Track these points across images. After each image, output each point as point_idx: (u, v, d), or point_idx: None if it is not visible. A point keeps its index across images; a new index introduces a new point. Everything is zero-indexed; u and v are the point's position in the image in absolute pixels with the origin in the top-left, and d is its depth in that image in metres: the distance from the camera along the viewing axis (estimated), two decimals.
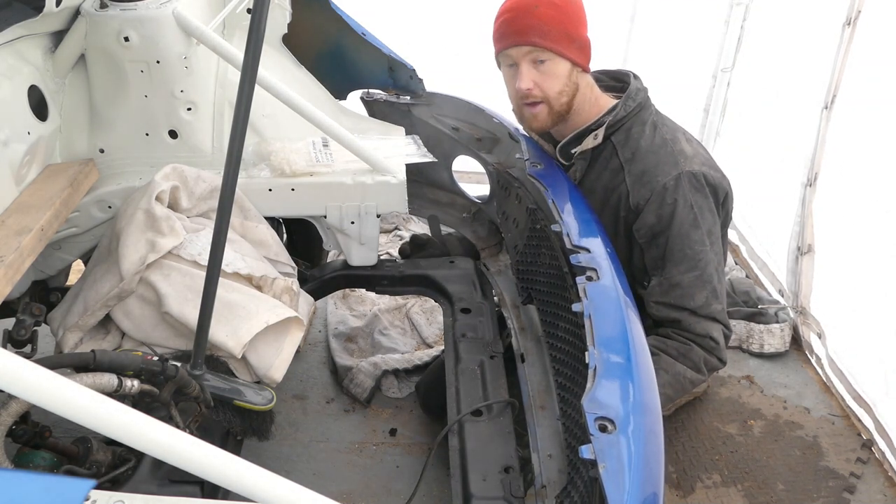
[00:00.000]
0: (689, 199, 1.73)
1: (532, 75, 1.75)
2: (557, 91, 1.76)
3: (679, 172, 1.73)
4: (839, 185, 2.48)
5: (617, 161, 1.80)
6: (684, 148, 1.79)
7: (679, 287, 1.77)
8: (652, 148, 1.78)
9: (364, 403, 2.45)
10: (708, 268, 1.77)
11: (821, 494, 2.12)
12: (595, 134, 1.79)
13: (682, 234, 1.74)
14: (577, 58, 1.75)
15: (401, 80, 2.38)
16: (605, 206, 1.83)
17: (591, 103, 1.84)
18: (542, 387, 1.66)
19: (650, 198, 1.74)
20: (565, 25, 1.71)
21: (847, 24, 2.40)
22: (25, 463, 1.28)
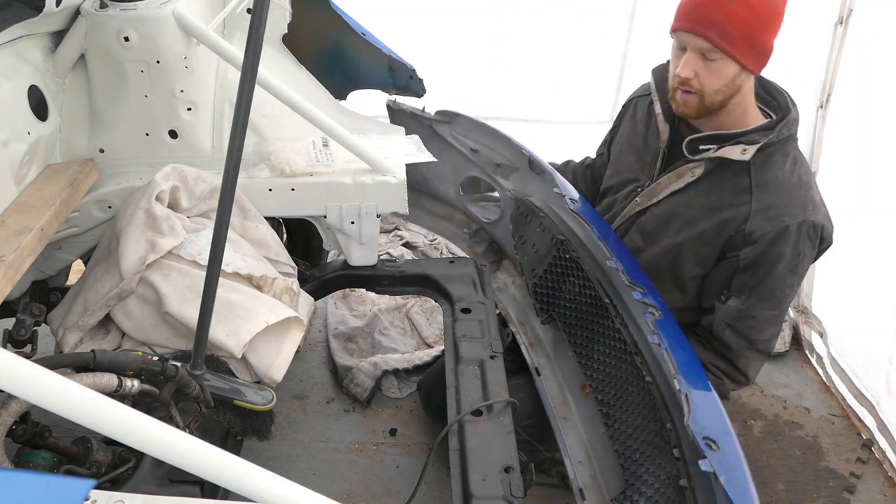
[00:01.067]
0: (800, 247, 1.72)
1: (696, 66, 1.66)
2: (715, 89, 1.68)
3: (805, 219, 1.70)
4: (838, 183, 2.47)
5: (747, 181, 1.73)
6: (815, 195, 1.76)
7: (755, 320, 1.78)
8: (788, 185, 1.72)
9: (364, 403, 2.45)
10: (785, 310, 1.81)
11: (821, 494, 2.12)
12: (745, 149, 1.70)
13: (781, 277, 1.73)
14: (750, 64, 1.66)
15: (401, 81, 2.38)
16: (714, 215, 1.77)
17: (742, 108, 1.76)
18: (560, 399, 1.85)
19: (768, 233, 1.70)
20: (753, 30, 1.60)
21: (839, 22, 2.40)
22: (25, 463, 1.28)
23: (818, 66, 2.49)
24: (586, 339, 1.88)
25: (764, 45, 1.66)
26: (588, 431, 1.75)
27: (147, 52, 1.79)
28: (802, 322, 2.69)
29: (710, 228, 1.78)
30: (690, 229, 1.82)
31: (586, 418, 1.78)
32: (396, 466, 2.23)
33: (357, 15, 2.33)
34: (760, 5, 1.60)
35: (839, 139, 2.48)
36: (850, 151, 2.42)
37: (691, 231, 1.82)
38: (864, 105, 2.35)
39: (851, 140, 2.42)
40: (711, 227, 1.78)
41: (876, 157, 2.27)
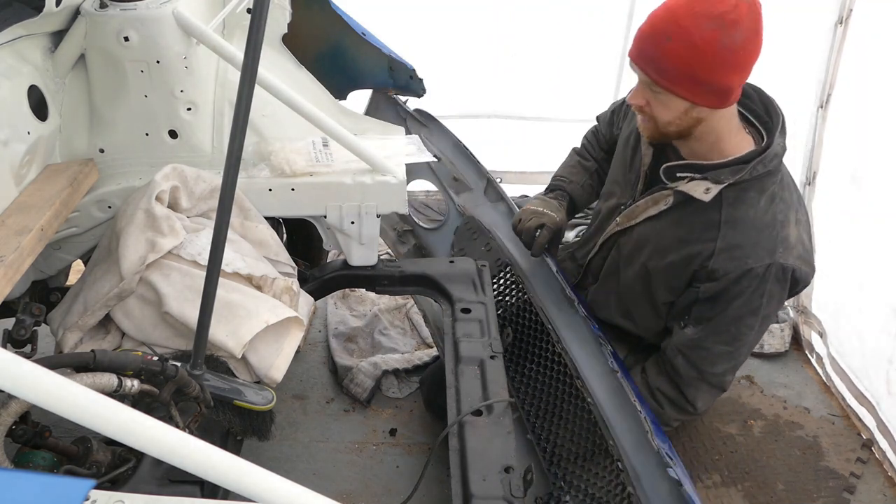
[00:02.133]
0: (764, 290, 1.67)
1: (646, 95, 1.62)
2: (666, 121, 1.63)
3: (772, 262, 1.64)
4: (837, 183, 2.48)
5: (717, 216, 1.67)
6: (789, 234, 1.68)
7: (707, 351, 1.77)
8: (758, 225, 1.65)
9: (364, 403, 2.45)
10: (742, 348, 1.77)
11: (821, 494, 2.12)
12: (708, 188, 1.65)
13: (739, 315, 1.70)
14: (702, 101, 1.57)
15: (401, 80, 2.38)
16: (682, 247, 1.74)
17: (716, 137, 1.67)
18: None
19: (730, 273, 1.66)
20: (694, 69, 1.51)
21: (839, 22, 2.40)
22: (25, 463, 1.28)
23: (818, 66, 2.49)
24: (517, 356, 1.99)
25: (717, 82, 1.55)
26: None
27: (147, 52, 1.79)
28: (802, 322, 2.69)
29: (678, 260, 1.76)
30: (660, 259, 1.81)
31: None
32: (396, 466, 2.23)
33: (357, 15, 2.33)
34: (706, 45, 1.48)
35: (839, 139, 2.48)
36: (850, 152, 2.42)
37: (661, 261, 1.80)
38: (864, 105, 2.35)
39: (851, 140, 2.42)
40: (679, 260, 1.75)
41: (876, 158, 2.27)
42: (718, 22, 1.47)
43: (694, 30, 1.48)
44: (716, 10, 1.47)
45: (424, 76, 2.38)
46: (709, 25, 1.47)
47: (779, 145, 1.70)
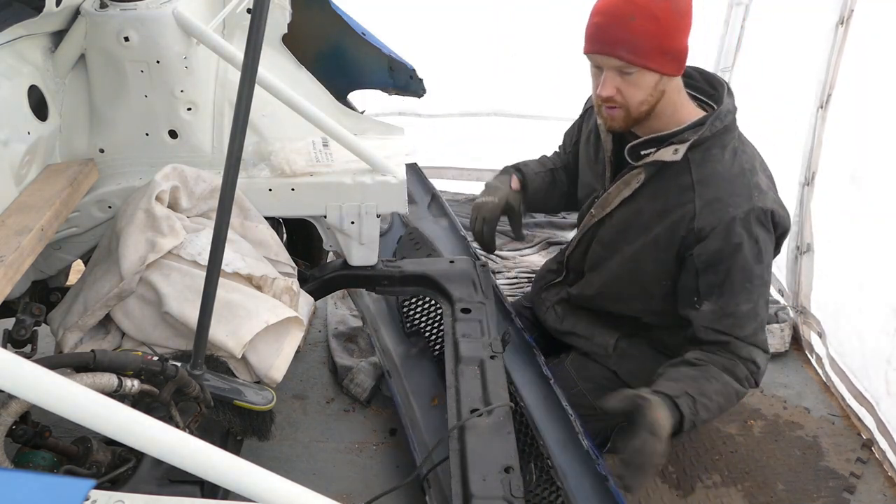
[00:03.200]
0: (755, 235, 1.70)
1: (616, 83, 1.66)
2: (639, 100, 1.69)
3: (751, 207, 1.68)
4: (837, 183, 2.47)
5: (688, 179, 1.74)
6: (760, 181, 1.74)
7: (733, 317, 1.76)
8: (728, 176, 1.72)
9: (364, 403, 2.45)
10: (760, 300, 1.77)
11: (821, 494, 2.12)
12: (676, 149, 1.71)
13: (746, 268, 1.71)
14: (668, 69, 1.66)
15: (401, 81, 2.38)
16: (664, 218, 1.78)
17: (673, 108, 1.76)
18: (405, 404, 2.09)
19: (717, 226, 1.69)
20: (661, 40, 1.60)
21: (840, 23, 2.40)
22: (25, 463, 1.28)
23: (818, 66, 2.49)
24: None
25: (677, 48, 1.66)
26: (431, 436, 1.95)
27: (147, 52, 1.79)
28: (802, 322, 2.69)
29: (662, 232, 1.78)
30: (645, 236, 1.82)
31: (432, 426, 1.98)
32: (396, 466, 2.23)
33: (357, 15, 2.33)
34: (664, 15, 1.59)
35: (839, 140, 2.48)
36: (850, 152, 2.42)
37: (646, 237, 1.82)
38: (864, 106, 2.35)
39: (851, 140, 2.42)
40: (664, 231, 1.78)
41: (876, 158, 2.27)
42: None
43: (650, 4, 1.59)
44: None
45: (425, 75, 2.38)
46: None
47: (730, 103, 1.78)
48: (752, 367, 1.79)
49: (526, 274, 3.04)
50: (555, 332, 2.18)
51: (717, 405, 1.72)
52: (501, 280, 3.02)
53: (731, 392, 1.75)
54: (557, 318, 2.13)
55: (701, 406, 1.68)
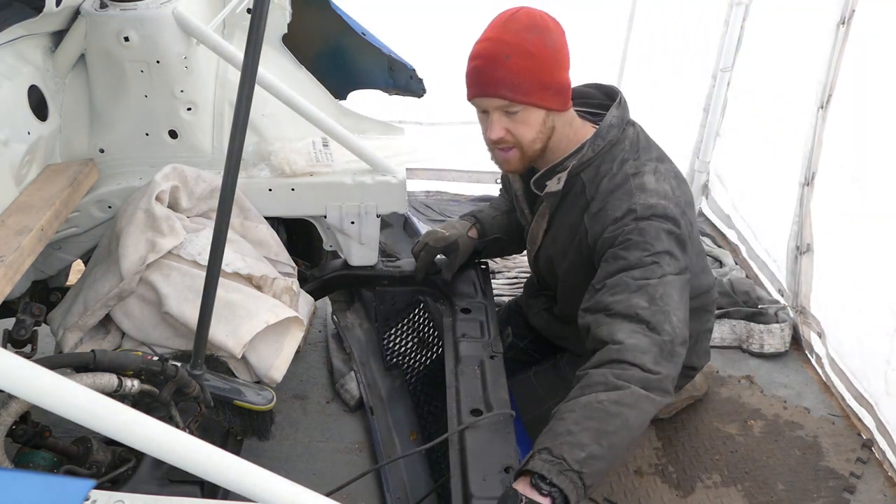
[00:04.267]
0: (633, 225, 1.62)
1: (503, 123, 1.66)
2: (531, 139, 1.68)
3: (631, 207, 1.64)
4: (837, 184, 2.47)
5: (584, 199, 1.74)
6: (645, 181, 1.68)
7: (601, 291, 1.59)
8: (611, 186, 1.70)
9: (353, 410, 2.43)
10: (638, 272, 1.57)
11: (821, 494, 2.12)
12: (559, 178, 1.72)
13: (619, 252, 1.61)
14: (553, 104, 1.66)
15: (401, 81, 2.39)
16: (572, 243, 1.78)
17: (566, 141, 1.75)
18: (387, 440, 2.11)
19: (602, 232, 1.66)
20: (539, 75, 1.61)
21: (841, 23, 2.39)
22: (25, 463, 1.28)
23: (819, 66, 2.49)
24: (426, 394, 2.10)
25: (558, 82, 1.65)
26: (409, 472, 1.97)
27: (147, 52, 1.79)
28: (802, 322, 2.69)
29: (573, 255, 1.78)
30: (564, 261, 1.83)
31: (410, 461, 1.99)
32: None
33: (357, 15, 2.33)
34: (538, 50, 1.59)
35: (840, 140, 2.48)
36: (851, 152, 2.42)
37: (566, 262, 1.82)
38: (865, 106, 2.35)
39: (852, 141, 2.42)
40: (574, 254, 1.78)
41: (876, 158, 2.27)
42: (535, 30, 1.60)
43: (523, 42, 1.59)
44: (528, 23, 1.61)
45: (424, 76, 2.38)
46: (530, 35, 1.60)
47: (613, 116, 1.74)
48: (610, 352, 1.49)
49: (525, 274, 3.04)
50: (546, 336, 2.18)
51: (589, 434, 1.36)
52: (501, 280, 3.02)
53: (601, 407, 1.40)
54: (546, 324, 2.13)
55: (565, 449, 1.34)
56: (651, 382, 1.44)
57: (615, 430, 1.37)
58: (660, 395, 1.46)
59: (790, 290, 2.77)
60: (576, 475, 1.31)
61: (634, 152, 1.75)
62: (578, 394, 1.44)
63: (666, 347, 1.50)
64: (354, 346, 2.39)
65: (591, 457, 1.33)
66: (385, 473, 1.98)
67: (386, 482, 1.97)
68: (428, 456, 2.00)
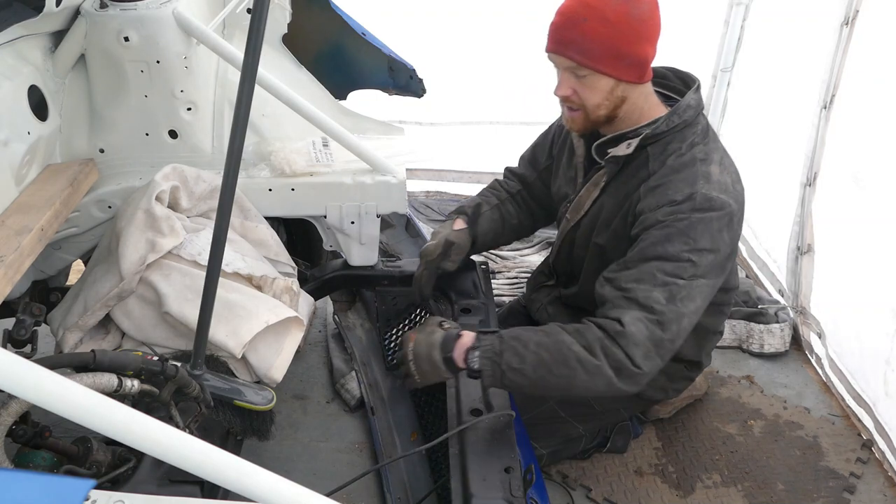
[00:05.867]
0: (687, 215, 1.64)
1: (571, 83, 1.67)
2: (595, 104, 1.68)
3: (693, 192, 1.64)
4: (838, 184, 2.47)
5: (646, 171, 1.74)
6: (711, 170, 1.69)
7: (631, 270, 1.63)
8: (677, 165, 1.70)
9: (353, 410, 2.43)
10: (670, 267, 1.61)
11: (821, 494, 2.12)
12: (629, 143, 1.72)
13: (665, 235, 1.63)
14: (625, 75, 1.64)
15: (401, 81, 2.38)
16: (620, 211, 1.78)
17: (640, 112, 1.74)
18: (388, 440, 2.09)
19: (655, 209, 1.67)
20: (614, 43, 1.59)
21: (845, 23, 2.39)
22: (25, 463, 1.28)
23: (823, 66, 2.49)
24: (427, 394, 2.06)
25: (636, 55, 1.62)
26: (409, 472, 1.95)
27: (147, 52, 1.79)
28: (802, 323, 2.69)
29: (618, 223, 1.78)
30: (606, 229, 1.82)
31: (410, 461, 1.97)
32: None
33: (357, 15, 2.33)
34: (618, 18, 1.57)
35: (842, 140, 2.48)
36: (853, 152, 2.42)
37: (608, 231, 1.82)
38: (868, 106, 2.34)
39: (854, 141, 2.42)
40: (619, 222, 1.78)
41: (879, 159, 2.27)
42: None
43: (604, 8, 1.57)
44: None
45: (424, 77, 2.38)
46: (615, 2, 1.58)
47: (691, 99, 1.75)
48: (614, 327, 1.56)
49: (525, 274, 3.04)
50: None
51: (536, 358, 1.54)
52: (501, 280, 3.02)
53: (566, 352, 1.54)
54: (550, 318, 2.13)
55: (508, 348, 1.55)
56: (626, 371, 1.55)
57: (556, 375, 1.56)
58: (626, 385, 1.57)
59: (790, 290, 2.77)
60: (499, 371, 1.56)
61: (704, 138, 1.76)
62: (570, 329, 1.59)
63: (661, 346, 1.58)
64: (356, 346, 2.39)
65: (519, 372, 1.55)
66: (385, 473, 1.98)
67: (386, 482, 1.96)
68: (428, 456, 1.99)
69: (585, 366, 1.54)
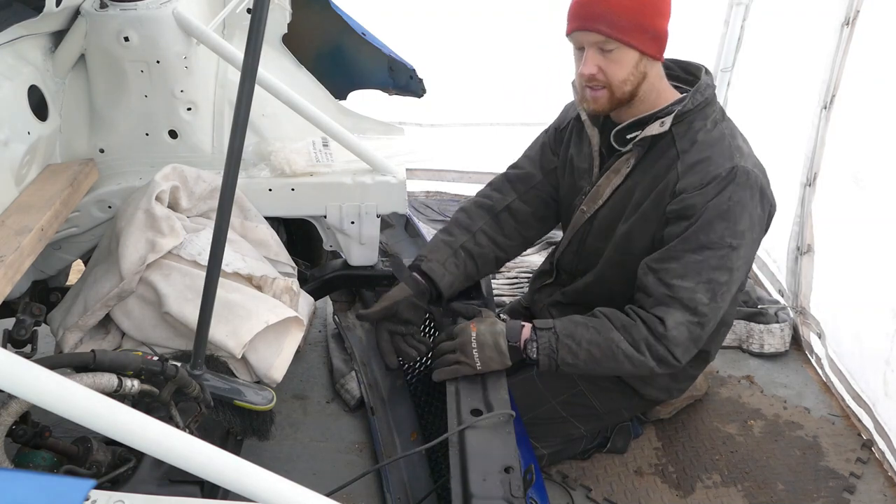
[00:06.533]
0: (731, 191, 1.70)
1: (597, 60, 1.70)
2: (622, 79, 1.71)
3: (734, 165, 1.71)
4: (838, 184, 2.47)
5: (674, 151, 1.77)
6: (741, 145, 1.78)
7: (675, 262, 1.72)
8: (710, 140, 1.75)
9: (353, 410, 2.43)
10: (714, 261, 1.70)
11: (821, 494, 2.12)
12: (662, 121, 1.75)
13: (708, 220, 1.70)
14: (648, 48, 1.69)
15: (401, 81, 2.39)
16: (652, 192, 1.79)
17: (657, 93, 1.79)
18: (388, 440, 2.08)
19: (699, 185, 1.71)
20: (639, 16, 1.66)
21: (846, 23, 2.39)
22: (25, 463, 1.28)
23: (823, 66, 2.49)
24: (426, 393, 2.07)
25: (657, 28, 1.70)
26: (409, 472, 1.95)
27: (147, 52, 1.79)
28: (801, 323, 2.69)
29: (650, 204, 1.79)
30: (635, 212, 1.82)
31: (410, 461, 1.97)
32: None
33: (357, 15, 2.33)
34: None
35: (842, 140, 2.48)
36: (853, 153, 2.42)
37: (636, 214, 1.82)
38: (868, 107, 2.34)
39: (855, 141, 2.42)
40: (651, 203, 1.79)
41: (879, 159, 2.27)
42: None
43: None
44: None
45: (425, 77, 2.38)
46: None
47: (707, 80, 1.82)
48: (657, 328, 1.71)
49: (526, 274, 3.04)
50: None
51: (588, 355, 1.74)
52: (501, 280, 3.02)
53: (615, 350, 1.72)
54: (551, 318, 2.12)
55: (563, 346, 1.74)
56: (667, 363, 1.75)
57: (604, 367, 1.77)
58: (664, 370, 1.78)
59: (790, 290, 2.77)
60: (554, 364, 1.76)
61: (723, 117, 1.83)
62: (618, 325, 1.75)
63: (699, 341, 1.78)
64: (355, 346, 2.39)
65: (572, 366, 1.76)
66: (385, 473, 1.98)
67: (386, 482, 1.96)
68: (428, 456, 1.99)
69: (632, 360, 1.74)
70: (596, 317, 1.79)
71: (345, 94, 2.44)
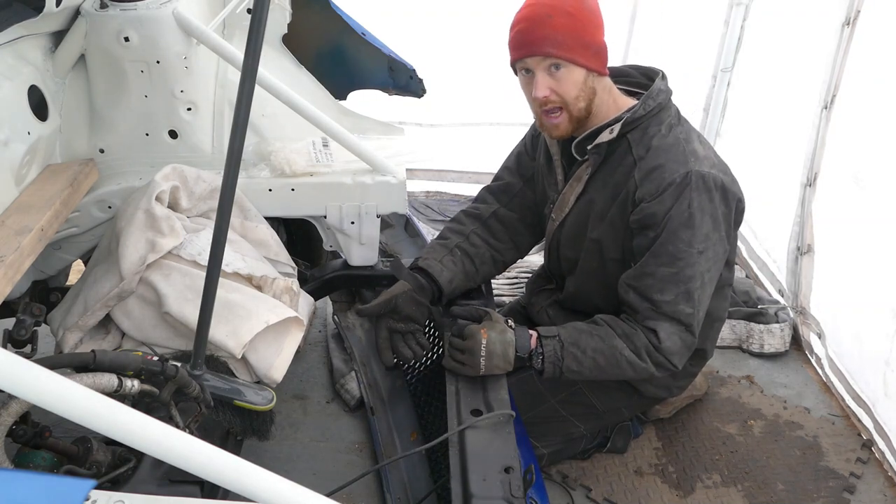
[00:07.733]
0: (689, 198, 1.73)
1: (548, 82, 1.73)
2: (574, 96, 1.75)
3: (688, 171, 1.73)
4: (839, 185, 2.47)
5: (631, 158, 1.80)
6: (696, 148, 1.79)
7: (652, 277, 1.77)
8: (664, 146, 1.78)
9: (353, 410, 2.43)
10: (687, 269, 1.76)
11: (821, 494, 2.12)
12: (611, 129, 1.79)
13: (672, 230, 1.74)
14: (593, 64, 1.74)
15: (401, 81, 2.39)
16: (615, 201, 1.82)
17: (608, 105, 1.82)
18: (388, 440, 2.10)
19: (655, 193, 1.74)
20: (580, 34, 1.70)
21: (846, 23, 2.39)
22: (25, 463, 1.28)
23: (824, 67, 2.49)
24: (426, 393, 2.09)
25: (596, 43, 1.74)
26: (409, 472, 1.96)
27: (147, 52, 1.79)
28: (801, 323, 2.69)
29: (615, 212, 1.82)
30: (601, 221, 1.85)
31: (410, 461, 1.98)
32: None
33: (357, 15, 2.33)
34: (577, 11, 1.70)
35: (843, 140, 2.48)
36: (854, 153, 2.42)
37: (602, 222, 1.85)
38: (869, 107, 2.34)
39: (855, 141, 2.42)
40: (616, 211, 1.82)
41: (879, 159, 2.27)
42: None
43: (562, 4, 1.70)
44: None
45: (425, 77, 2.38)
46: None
47: (661, 84, 1.84)
48: (652, 340, 1.78)
49: (526, 274, 3.04)
50: None
51: (593, 363, 1.78)
52: (501, 280, 3.02)
53: (618, 357, 1.78)
54: (550, 321, 2.13)
55: (569, 354, 1.77)
56: (665, 367, 1.82)
57: (608, 373, 1.82)
58: (661, 373, 1.83)
59: (790, 290, 2.77)
60: (559, 372, 1.79)
61: (679, 121, 1.86)
62: (621, 333, 1.80)
63: (692, 345, 1.84)
64: (355, 346, 2.39)
65: (577, 373, 1.80)
66: (385, 473, 1.98)
67: (386, 482, 1.96)
68: (428, 456, 1.99)
69: (635, 367, 1.80)
70: (598, 324, 1.82)
71: (345, 94, 2.44)
